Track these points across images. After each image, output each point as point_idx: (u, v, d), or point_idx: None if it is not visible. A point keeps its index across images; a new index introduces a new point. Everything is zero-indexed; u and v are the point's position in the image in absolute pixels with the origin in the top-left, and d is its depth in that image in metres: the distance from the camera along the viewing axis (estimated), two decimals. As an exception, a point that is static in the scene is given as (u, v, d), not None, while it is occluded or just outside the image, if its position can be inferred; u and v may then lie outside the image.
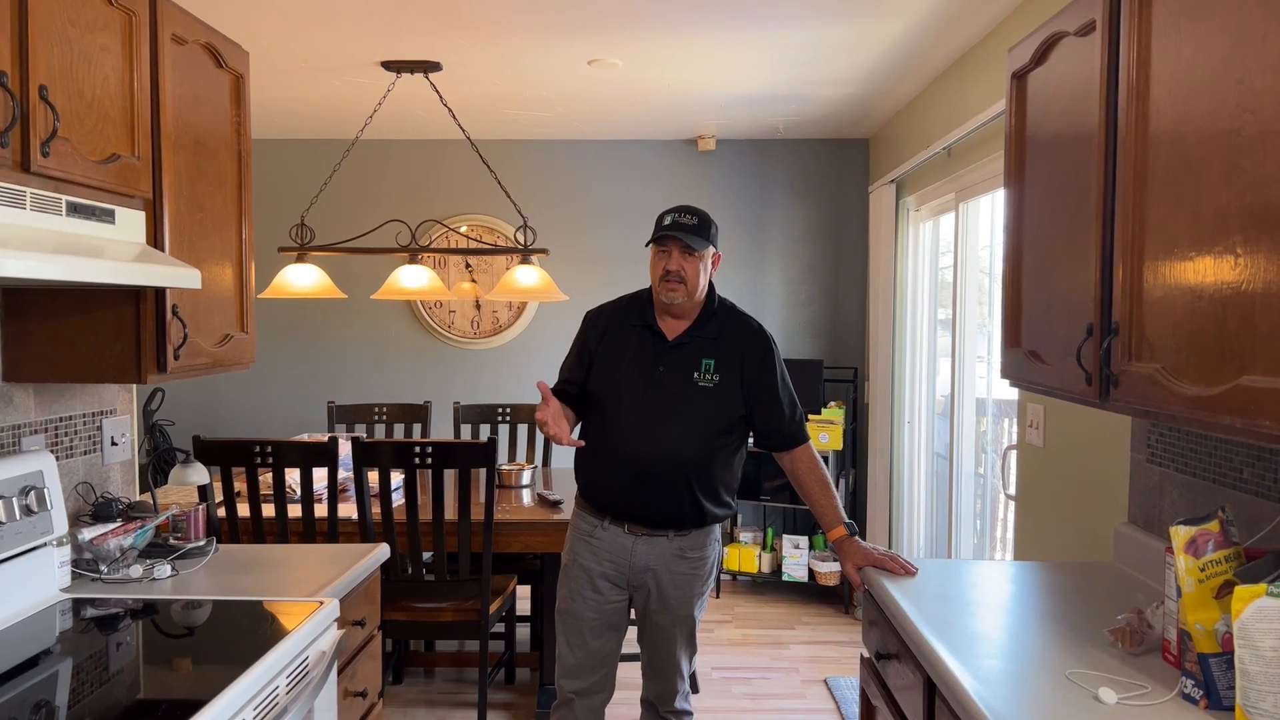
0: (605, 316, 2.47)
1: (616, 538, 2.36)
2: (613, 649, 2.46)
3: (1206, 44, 1.32)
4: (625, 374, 2.36)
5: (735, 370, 2.34)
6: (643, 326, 2.38)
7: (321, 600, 1.84)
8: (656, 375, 2.33)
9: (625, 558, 2.36)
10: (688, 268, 2.29)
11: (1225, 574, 1.37)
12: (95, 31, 1.71)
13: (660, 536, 2.35)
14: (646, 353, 2.35)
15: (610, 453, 2.35)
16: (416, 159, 5.17)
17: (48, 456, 1.92)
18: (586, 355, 2.43)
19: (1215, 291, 1.28)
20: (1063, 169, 1.79)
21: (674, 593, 2.38)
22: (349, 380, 5.22)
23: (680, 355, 2.34)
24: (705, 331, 2.36)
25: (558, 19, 3.11)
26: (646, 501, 2.32)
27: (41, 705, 1.41)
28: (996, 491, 3.42)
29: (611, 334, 2.42)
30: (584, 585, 2.39)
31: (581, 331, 2.49)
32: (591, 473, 2.41)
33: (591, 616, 2.40)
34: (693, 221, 2.30)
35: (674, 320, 2.37)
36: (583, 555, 2.40)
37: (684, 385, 2.32)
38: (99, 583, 1.96)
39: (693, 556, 2.38)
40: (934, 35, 3.29)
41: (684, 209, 2.33)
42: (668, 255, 2.30)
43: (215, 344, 2.14)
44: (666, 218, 2.32)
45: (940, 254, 4.27)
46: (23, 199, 1.52)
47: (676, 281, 2.29)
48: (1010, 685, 1.46)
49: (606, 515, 2.37)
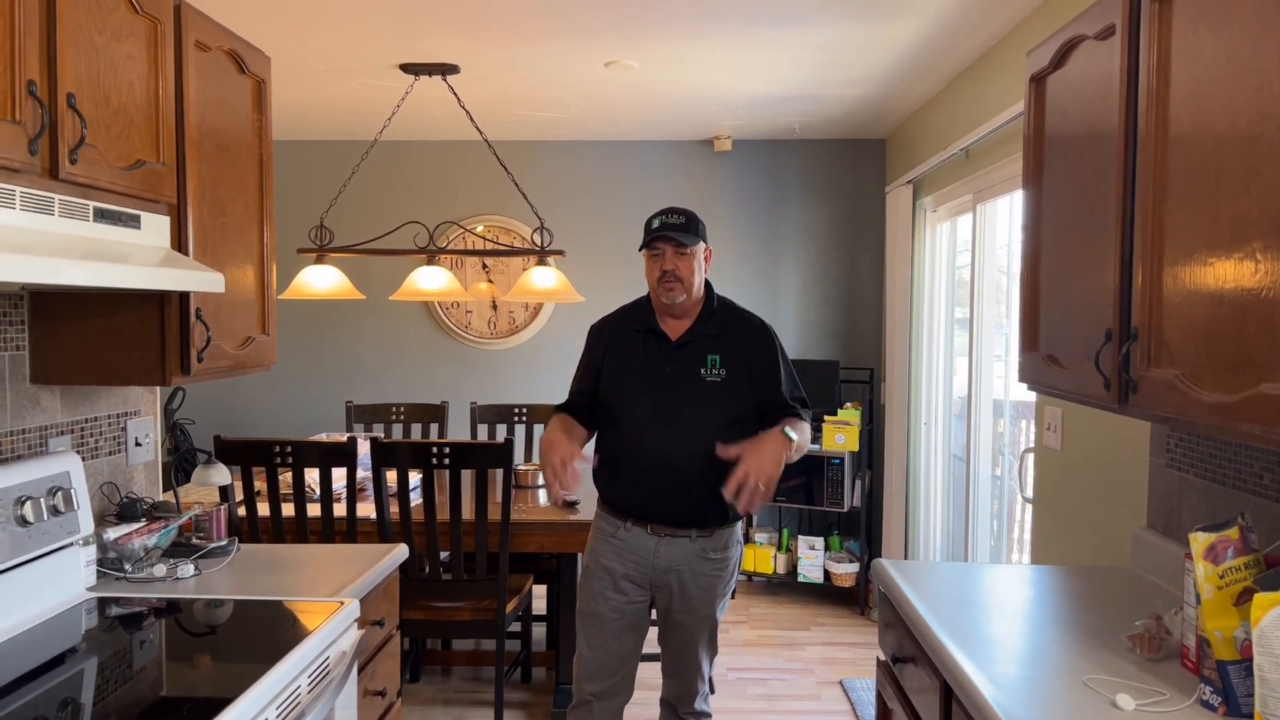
0: (608, 327, 2.53)
1: (639, 538, 2.38)
2: (633, 649, 2.47)
3: (1226, 50, 1.31)
4: (634, 378, 2.40)
5: (742, 365, 2.37)
6: (646, 331, 2.42)
7: (342, 600, 1.86)
8: (665, 375, 2.36)
9: (649, 558, 2.38)
10: (682, 266, 2.33)
11: (1244, 581, 1.37)
12: (121, 39, 1.73)
13: (683, 537, 2.36)
14: (652, 355, 2.39)
15: (628, 456, 2.38)
16: (434, 160, 5.20)
17: (74, 457, 1.95)
18: (594, 367, 2.48)
19: (1235, 297, 1.28)
20: (1081, 173, 1.78)
21: (697, 593, 2.39)
22: (367, 380, 5.25)
23: (685, 353, 2.38)
24: (708, 329, 2.40)
25: (575, 22, 3.12)
26: (668, 500, 2.34)
27: (67, 703, 1.43)
28: (1013, 494, 3.40)
29: (616, 343, 2.47)
30: (606, 586, 2.41)
31: (587, 346, 2.55)
32: (611, 477, 2.43)
33: (614, 617, 2.41)
34: (680, 220, 2.34)
35: (675, 321, 2.41)
36: (605, 556, 2.42)
37: (692, 382, 2.35)
38: (123, 582, 1.99)
39: (716, 557, 2.39)
40: (951, 36, 3.28)
41: (670, 210, 2.37)
42: (661, 257, 2.34)
43: (237, 346, 2.17)
44: (655, 221, 2.36)
45: (958, 253, 4.26)
46: (51, 205, 1.55)
47: (674, 281, 2.33)
48: (1027, 691, 1.46)
49: (629, 517, 2.39)
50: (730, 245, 5.17)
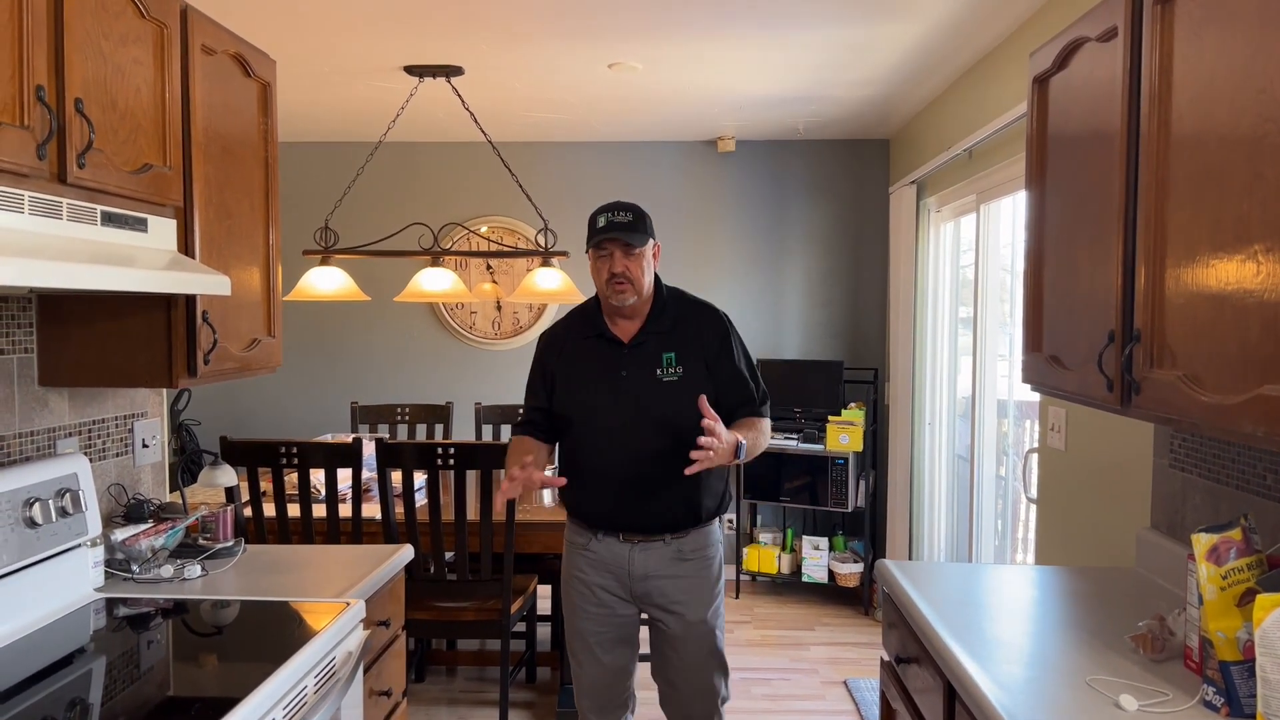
0: (559, 336, 2.42)
1: (612, 548, 2.30)
2: (626, 664, 2.39)
3: (1229, 53, 1.32)
4: (588, 387, 2.31)
5: (698, 358, 2.27)
6: (596, 336, 2.33)
7: (348, 601, 1.87)
8: (620, 380, 2.27)
9: (624, 567, 2.30)
10: (632, 267, 2.23)
11: (1247, 582, 1.37)
12: (128, 44, 1.74)
13: (656, 541, 2.29)
14: (606, 360, 2.30)
15: (591, 466, 2.29)
16: (439, 161, 5.21)
17: (82, 459, 1.97)
18: (548, 378, 2.39)
19: (1238, 299, 1.28)
20: (1084, 174, 1.79)
21: (681, 597, 2.30)
22: (372, 381, 5.27)
23: (639, 355, 2.28)
24: (659, 326, 2.30)
25: (578, 23, 3.13)
26: (635, 508, 2.27)
27: (76, 703, 1.45)
28: (1017, 494, 3.40)
29: (568, 352, 2.37)
30: (586, 600, 2.34)
31: (537, 356, 2.45)
32: (576, 489, 2.33)
33: (599, 630, 2.34)
34: (628, 219, 2.23)
35: (626, 322, 2.32)
36: (581, 569, 2.35)
37: (648, 384, 2.25)
38: (131, 582, 2.00)
39: (693, 557, 2.31)
40: (955, 37, 3.28)
41: (616, 206, 2.26)
42: (609, 258, 2.24)
43: (243, 348, 2.18)
44: (600, 219, 2.25)
45: (961, 253, 4.26)
46: (59, 209, 1.56)
47: (624, 283, 2.23)
48: (1031, 691, 1.47)
49: (599, 528, 2.32)
50: (734, 246, 5.17)
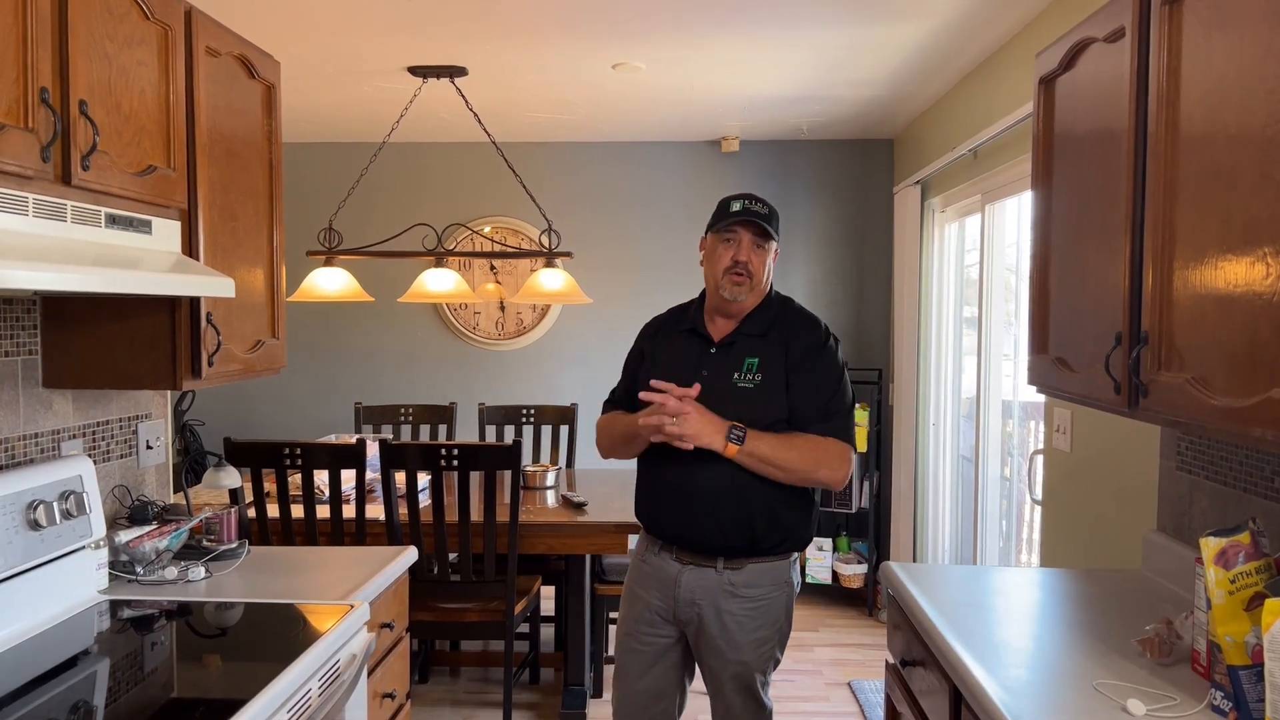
0: (661, 323, 2.35)
1: (664, 564, 2.18)
2: (663, 687, 2.24)
3: (1237, 53, 1.31)
4: (666, 382, 2.15)
5: (780, 361, 2.11)
6: (689, 331, 2.23)
7: (352, 603, 1.87)
8: (699, 380, 2.09)
9: (671, 589, 2.16)
10: (756, 259, 2.11)
11: (1256, 586, 1.36)
12: (133, 46, 1.74)
13: (708, 567, 2.12)
14: (690, 358, 2.19)
15: (655, 470, 2.18)
16: (442, 162, 5.21)
17: (86, 461, 1.96)
18: (644, 360, 2.30)
19: (1247, 301, 1.27)
20: (1091, 175, 1.78)
21: (721, 633, 2.11)
22: (376, 381, 5.27)
23: (724, 356, 2.16)
24: (753, 328, 2.16)
25: (582, 24, 3.12)
26: (689, 522, 2.12)
27: (80, 705, 1.44)
28: (1022, 495, 3.39)
29: (660, 343, 2.29)
30: (634, 616, 2.23)
31: (636, 341, 2.38)
32: (642, 493, 2.25)
33: (638, 649, 2.23)
34: (764, 209, 2.11)
35: (724, 320, 2.20)
36: (636, 581, 2.26)
37: (724, 388, 2.10)
38: (135, 584, 2.00)
39: (747, 594, 2.12)
40: (959, 37, 3.27)
41: (752, 196, 2.14)
42: (736, 244, 2.11)
43: (248, 350, 2.18)
44: (735, 204, 2.12)
45: (966, 253, 4.25)
46: (63, 211, 1.56)
47: (743, 275, 2.10)
48: (1037, 695, 1.46)
49: (658, 540, 2.20)
50: (738, 246, 5.16)
